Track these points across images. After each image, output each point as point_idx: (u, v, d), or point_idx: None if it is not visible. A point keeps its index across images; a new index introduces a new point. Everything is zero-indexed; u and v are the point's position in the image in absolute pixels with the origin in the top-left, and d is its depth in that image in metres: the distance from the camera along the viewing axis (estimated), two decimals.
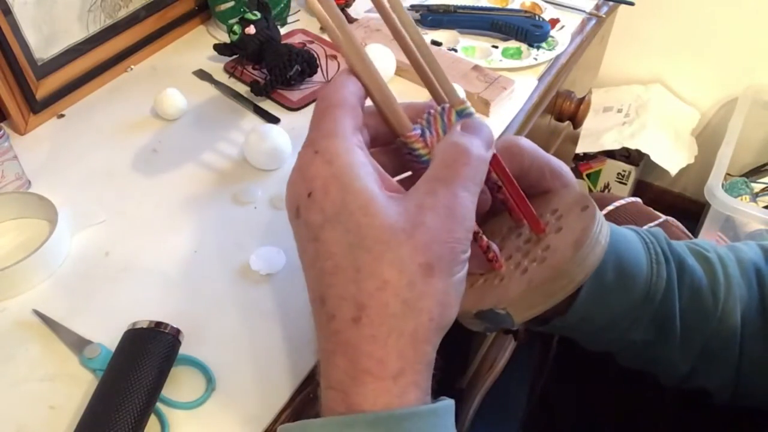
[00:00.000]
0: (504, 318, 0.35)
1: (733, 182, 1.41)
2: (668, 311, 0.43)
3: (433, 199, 0.31)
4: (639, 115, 1.49)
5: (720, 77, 1.49)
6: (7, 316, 0.50)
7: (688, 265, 0.44)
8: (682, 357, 0.45)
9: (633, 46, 1.50)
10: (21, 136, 0.67)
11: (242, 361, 0.47)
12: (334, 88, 0.34)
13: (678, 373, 0.46)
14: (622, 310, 0.43)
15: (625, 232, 0.44)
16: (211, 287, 0.52)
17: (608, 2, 0.94)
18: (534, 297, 0.34)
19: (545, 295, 0.34)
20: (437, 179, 0.32)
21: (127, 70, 0.77)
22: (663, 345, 0.44)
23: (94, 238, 0.57)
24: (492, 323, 0.36)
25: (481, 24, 0.82)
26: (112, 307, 0.51)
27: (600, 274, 0.41)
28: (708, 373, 0.45)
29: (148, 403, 0.42)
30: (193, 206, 0.60)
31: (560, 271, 0.34)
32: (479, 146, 0.33)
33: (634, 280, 0.42)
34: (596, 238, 0.35)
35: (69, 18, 0.70)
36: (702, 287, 0.44)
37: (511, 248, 0.38)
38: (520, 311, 0.35)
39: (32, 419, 0.44)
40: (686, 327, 0.43)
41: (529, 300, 0.35)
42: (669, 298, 0.43)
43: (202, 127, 0.69)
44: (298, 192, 0.32)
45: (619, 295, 0.42)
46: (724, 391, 0.46)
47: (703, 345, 0.44)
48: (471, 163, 0.32)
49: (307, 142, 0.33)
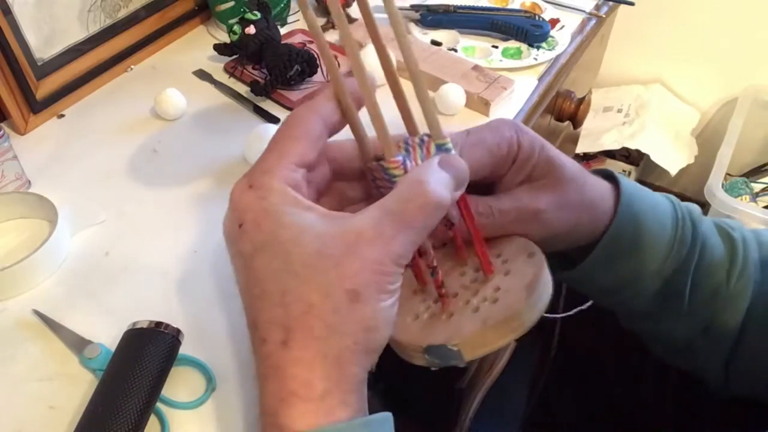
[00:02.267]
0: (455, 355, 0.35)
1: (733, 182, 1.41)
2: (679, 287, 0.43)
3: (373, 232, 0.31)
4: (639, 115, 1.49)
5: (720, 77, 1.49)
6: (7, 316, 0.50)
7: (710, 244, 0.44)
8: (685, 330, 0.45)
9: (633, 46, 1.50)
10: (21, 136, 0.67)
11: (242, 361, 0.47)
12: (297, 119, 0.34)
13: (677, 345, 0.47)
14: (631, 278, 0.43)
15: (657, 201, 0.44)
16: (211, 287, 0.52)
17: (608, 2, 0.94)
18: (487, 336, 0.34)
19: (498, 335, 0.34)
20: (387, 211, 0.32)
21: (127, 70, 0.77)
22: (667, 316, 0.45)
23: (94, 238, 0.57)
24: (441, 359, 0.35)
25: (481, 24, 0.82)
26: (112, 307, 0.51)
27: (615, 239, 0.42)
28: (707, 350, 0.46)
29: (148, 403, 0.42)
30: (193, 206, 0.60)
31: (515, 312, 0.34)
32: (445, 188, 0.33)
33: (650, 252, 0.43)
34: (546, 284, 0.36)
35: (69, 18, 0.70)
36: (719, 265, 0.44)
37: (455, 286, 0.38)
38: (471, 349, 0.35)
39: (32, 419, 0.44)
40: (695, 302, 0.44)
41: (482, 339, 0.35)
42: (683, 275, 0.43)
43: (202, 127, 0.69)
44: (231, 224, 0.33)
45: (631, 263, 0.43)
46: (718, 374, 0.47)
47: (707, 322, 0.45)
48: (426, 209, 0.32)
49: (246, 174, 0.34)
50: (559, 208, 0.40)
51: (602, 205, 0.42)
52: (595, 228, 0.42)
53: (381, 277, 0.31)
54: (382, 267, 0.31)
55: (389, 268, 0.31)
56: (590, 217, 0.42)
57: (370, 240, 0.31)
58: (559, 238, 0.41)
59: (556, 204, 0.40)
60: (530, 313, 0.35)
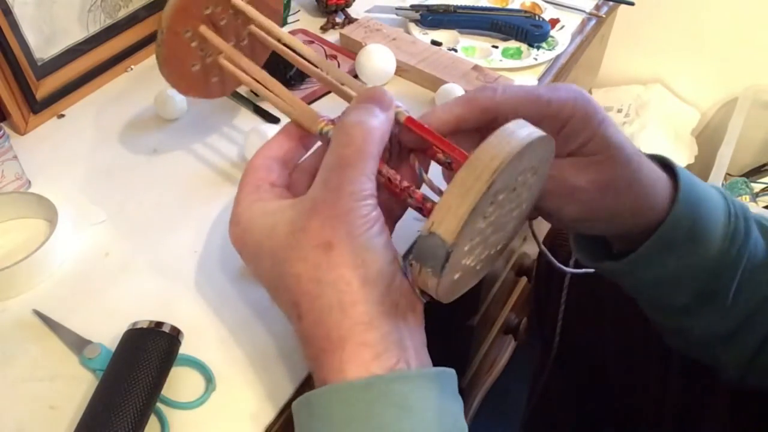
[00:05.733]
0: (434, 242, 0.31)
1: (733, 182, 1.41)
2: (726, 284, 0.42)
3: (323, 189, 0.34)
4: (639, 115, 1.49)
5: (720, 77, 1.49)
6: (7, 316, 0.50)
7: (754, 240, 0.43)
8: (721, 326, 0.44)
9: (633, 46, 1.50)
10: (21, 136, 0.67)
11: (242, 361, 0.47)
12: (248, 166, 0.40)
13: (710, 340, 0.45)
14: (679, 274, 0.42)
15: (711, 195, 0.42)
16: (211, 287, 0.52)
17: (608, 2, 0.94)
18: (452, 199, 0.31)
19: (462, 194, 0.30)
20: (327, 165, 0.35)
21: (127, 70, 0.77)
22: (707, 312, 0.43)
23: (94, 238, 0.57)
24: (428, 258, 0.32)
25: (481, 24, 0.82)
26: (112, 307, 0.51)
27: (670, 233, 0.40)
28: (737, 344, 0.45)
29: (148, 403, 0.42)
30: (193, 206, 0.60)
31: (469, 162, 0.31)
32: (366, 114, 0.36)
33: (703, 249, 0.41)
34: (507, 129, 0.32)
35: (69, 18, 0.70)
36: (763, 262, 0.43)
37: None
38: (444, 224, 0.30)
39: (32, 419, 0.44)
40: (736, 299, 0.43)
41: (448, 205, 0.31)
42: (731, 272, 0.42)
43: (202, 127, 0.69)
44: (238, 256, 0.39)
45: (682, 259, 0.41)
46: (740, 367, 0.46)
47: (745, 317, 0.43)
48: (356, 141, 0.34)
49: None
50: (602, 189, 0.38)
51: (654, 194, 0.40)
52: (644, 217, 0.40)
53: (345, 218, 0.33)
54: (343, 209, 0.33)
55: (350, 205, 0.33)
56: (637, 206, 0.40)
57: (323, 197, 0.34)
58: (598, 222, 0.40)
59: (601, 185, 0.38)
60: (491, 151, 0.31)
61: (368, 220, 0.34)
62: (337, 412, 0.32)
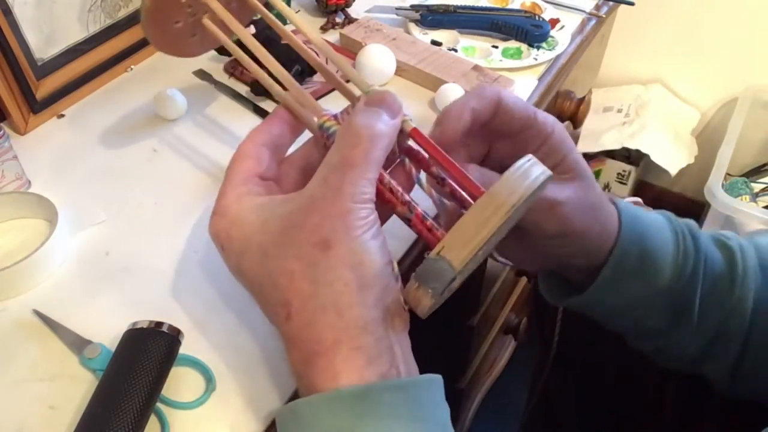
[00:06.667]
0: (441, 266, 0.32)
1: (733, 182, 1.41)
2: (688, 301, 0.44)
3: (322, 186, 0.33)
4: (639, 115, 1.49)
5: (720, 77, 1.49)
6: (7, 316, 0.50)
7: (710, 255, 0.44)
8: (694, 342, 0.45)
9: (633, 46, 1.51)
10: (21, 136, 0.67)
11: (242, 361, 0.47)
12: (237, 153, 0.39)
13: (687, 358, 0.47)
14: (641, 297, 0.43)
15: (655, 219, 0.44)
16: (211, 287, 0.52)
17: (608, 2, 0.94)
18: (467, 229, 0.32)
19: (478, 225, 0.31)
20: (328, 163, 0.34)
21: (127, 70, 0.77)
22: (677, 331, 0.45)
23: (94, 238, 0.57)
24: (432, 280, 0.32)
25: (481, 24, 0.82)
26: (112, 307, 0.51)
27: (622, 259, 0.42)
28: (715, 357, 0.46)
29: (148, 403, 0.42)
30: (193, 206, 0.60)
31: (488, 195, 0.32)
32: (374, 118, 0.35)
33: (657, 269, 0.43)
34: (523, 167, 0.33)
35: (69, 18, 0.70)
36: (722, 275, 0.44)
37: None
38: (455, 251, 0.32)
39: (32, 419, 0.44)
40: (703, 315, 0.44)
41: (462, 233, 0.32)
42: (691, 289, 0.43)
43: (202, 127, 0.69)
44: (220, 253, 0.37)
45: (639, 282, 0.43)
46: (724, 378, 0.47)
47: (716, 330, 0.45)
48: (362, 144, 0.34)
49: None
50: (578, 205, 0.40)
51: (610, 220, 0.43)
52: (602, 244, 0.42)
53: (344, 218, 0.32)
54: (341, 209, 0.32)
55: (348, 207, 0.33)
56: (600, 229, 0.42)
57: (322, 195, 0.33)
58: (570, 237, 0.41)
59: (577, 201, 0.40)
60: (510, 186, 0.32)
61: (367, 222, 0.33)
62: (327, 424, 0.31)
